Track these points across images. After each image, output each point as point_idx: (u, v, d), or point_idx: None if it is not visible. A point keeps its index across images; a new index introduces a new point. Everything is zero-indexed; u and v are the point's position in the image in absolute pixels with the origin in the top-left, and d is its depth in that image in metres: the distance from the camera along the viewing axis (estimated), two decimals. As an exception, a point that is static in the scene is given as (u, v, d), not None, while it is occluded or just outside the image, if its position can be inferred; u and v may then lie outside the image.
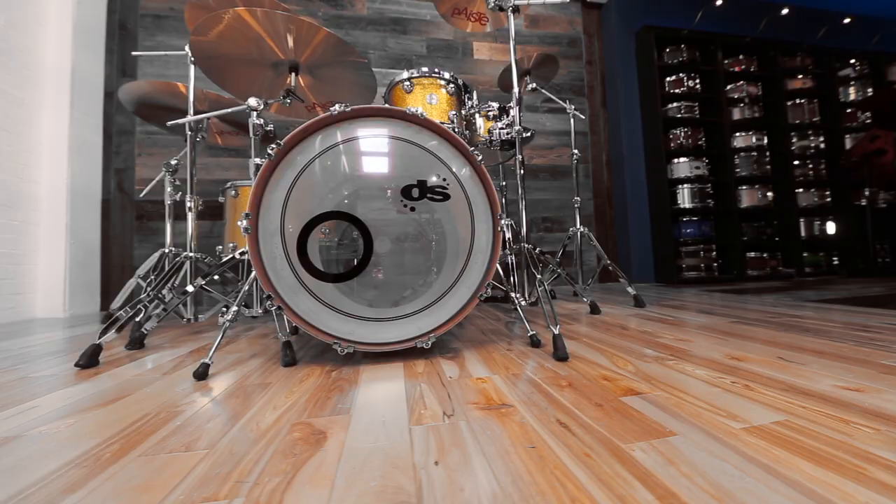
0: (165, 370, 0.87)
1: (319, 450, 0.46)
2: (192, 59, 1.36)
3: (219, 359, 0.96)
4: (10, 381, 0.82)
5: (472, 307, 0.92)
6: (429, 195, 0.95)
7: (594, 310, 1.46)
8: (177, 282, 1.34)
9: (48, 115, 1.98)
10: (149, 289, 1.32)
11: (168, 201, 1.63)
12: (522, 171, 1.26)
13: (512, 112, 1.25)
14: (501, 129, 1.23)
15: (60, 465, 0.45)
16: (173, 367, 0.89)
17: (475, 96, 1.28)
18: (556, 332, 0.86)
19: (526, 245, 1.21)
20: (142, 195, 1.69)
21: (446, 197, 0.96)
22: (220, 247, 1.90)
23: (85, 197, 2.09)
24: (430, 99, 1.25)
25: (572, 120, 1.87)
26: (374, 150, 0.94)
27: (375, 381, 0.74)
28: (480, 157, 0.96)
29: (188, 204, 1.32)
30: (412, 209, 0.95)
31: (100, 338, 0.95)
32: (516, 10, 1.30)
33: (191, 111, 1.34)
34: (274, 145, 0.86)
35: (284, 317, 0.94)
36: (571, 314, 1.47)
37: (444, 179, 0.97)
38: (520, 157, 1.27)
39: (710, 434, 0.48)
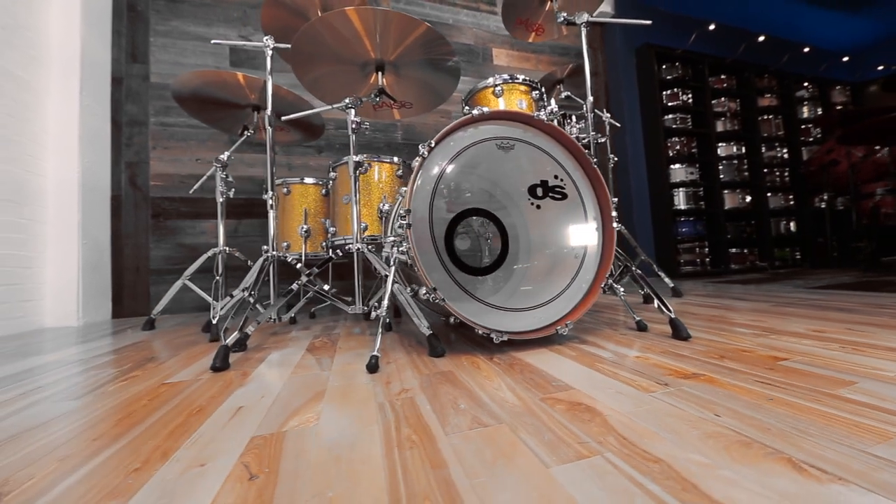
0: (314, 367, 0.86)
1: (604, 416, 0.53)
2: (271, 51, 1.31)
3: (358, 355, 0.96)
4: (150, 387, 0.78)
5: (595, 297, 1.01)
6: (550, 194, 1.03)
7: (647, 300, 1.61)
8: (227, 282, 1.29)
9: (55, 100, 1.77)
10: (236, 290, 1.25)
11: (220, 199, 1.54)
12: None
13: (587, 118, 1.37)
14: (580, 136, 1.33)
15: (382, 450, 0.47)
16: (316, 364, 0.89)
17: (553, 103, 1.37)
18: (673, 315, 0.98)
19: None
20: (191, 192, 1.58)
21: (564, 196, 1.05)
22: (266, 246, 1.83)
23: (95, 192, 1.90)
24: (520, 103, 1.33)
25: (607, 127, 2.03)
26: (505, 150, 1.00)
27: (546, 363, 0.80)
28: (595, 160, 1.06)
29: (269, 202, 1.28)
30: (538, 207, 1.02)
31: (225, 340, 0.92)
32: (588, 25, 1.41)
33: (269, 106, 1.30)
34: (428, 145, 0.89)
35: (418, 311, 0.97)
36: (632, 303, 1.61)
37: (561, 180, 1.05)
38: (595, 159, 1.38)
39: (880, 379, 0.61)
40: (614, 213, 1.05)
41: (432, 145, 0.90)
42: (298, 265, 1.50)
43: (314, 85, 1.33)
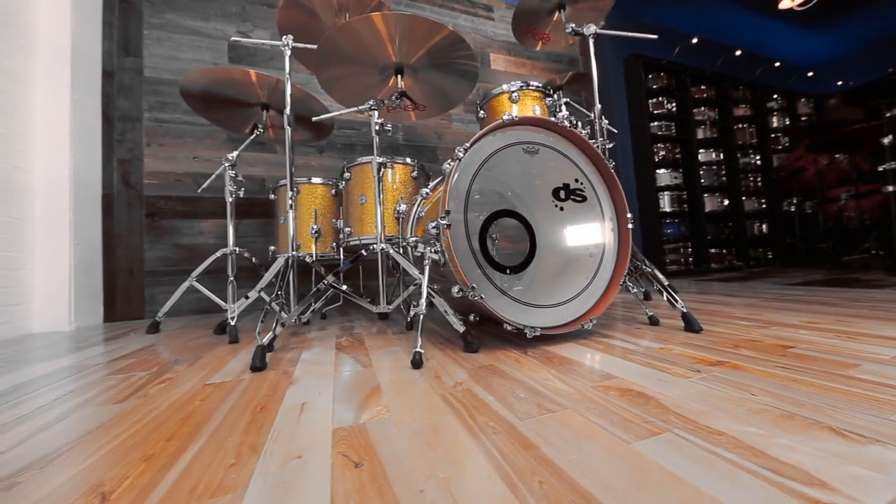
0: (355, 365, 0.88)
1: (657, 399, 0.58)
2: (290, 50, 1.31)
3: (391, 352, 0.98)
4: (194, 388, 0.77)
5: (615, 293, 1.08)
6: (572, 197, 1.09)
7: (647, 297, 1.71)
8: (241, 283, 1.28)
9: (44, 93, 1.68)
10: (261, 291, 1.23)
11: (230, 199, 1.51)
12: (606, 178, 1.45)
13: (593, 123, 1.44)
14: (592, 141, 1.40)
15: (469, 436, 0.51)
16: (355, 362, 0.90)
17: (563, 108, 1.44)
18: (685, 310, 1.05)
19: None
20: (199, 190, 1.54)
21: (584, 199, 1.11)
22: (273, 247, 1.81)
23: (87, 189, 1.81)
24: (535, 109, 1.38)
25: (605, 132, 2.13)
26: (531, 154, 1.05)
27: (579, 356, 0.85)
28: (613, 164, 1.12)
29: (288, 201, 1.27)
30: (561, 209, 1.08)
31: (261, 341, 0.92)
32: (597, 36, 1.49)
33: (288, 106, 1.29)
34: (463, 147, 0.93)
35: (450, 309, 1.00)
36: (632, 301, 1.70)
37: (581, 183, 1.11)
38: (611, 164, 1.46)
39: (880, 362, 0.69)
40: (629, 215, 1.12)
41: (467, 147, 0.94)
42: (313, 265, 1.49)
43: (329, 84, 1.34)
